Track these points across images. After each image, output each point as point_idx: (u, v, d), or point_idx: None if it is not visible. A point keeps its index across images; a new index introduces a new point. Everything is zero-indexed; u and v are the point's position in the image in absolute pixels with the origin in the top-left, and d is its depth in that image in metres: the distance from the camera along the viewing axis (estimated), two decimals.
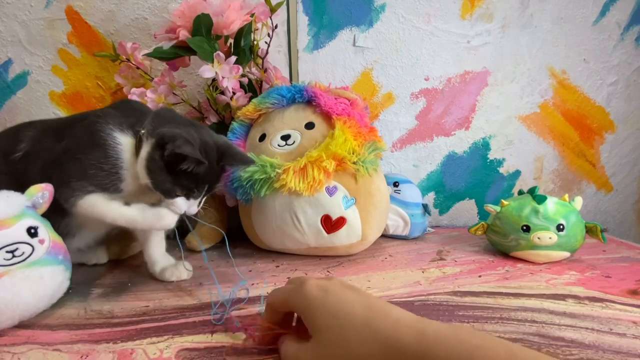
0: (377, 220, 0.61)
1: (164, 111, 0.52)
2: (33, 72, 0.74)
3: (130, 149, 0.48)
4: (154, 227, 0.48)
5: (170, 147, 0.44)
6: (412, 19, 0.80)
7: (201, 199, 0.50)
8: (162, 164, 0.45)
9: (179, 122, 0.49)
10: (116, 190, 0.48)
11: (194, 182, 0.47)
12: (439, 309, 0.44)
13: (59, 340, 0.38)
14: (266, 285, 0.51)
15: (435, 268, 0.58)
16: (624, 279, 0.53)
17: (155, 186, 0.46)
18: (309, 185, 0.56)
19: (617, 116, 0.89)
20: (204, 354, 0.35)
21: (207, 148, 0.47)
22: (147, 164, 0.46)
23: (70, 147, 0.48)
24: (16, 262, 0.40)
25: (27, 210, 0.43)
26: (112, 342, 0.38)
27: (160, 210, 0.47)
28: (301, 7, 0.77)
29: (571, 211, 0.59)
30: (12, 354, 0.36)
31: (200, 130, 0.48)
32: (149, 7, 0.73)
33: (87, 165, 0.46)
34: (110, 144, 0.47)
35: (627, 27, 0.85)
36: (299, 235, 0.59)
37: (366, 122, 0.62)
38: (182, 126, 0.48)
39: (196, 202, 0.49)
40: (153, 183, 0.46)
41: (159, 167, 0.45)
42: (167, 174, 0.46)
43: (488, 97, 0.85)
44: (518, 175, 0.90)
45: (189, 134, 0.46)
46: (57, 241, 0.46)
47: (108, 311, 0.44)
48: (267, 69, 0.70)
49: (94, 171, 0.46)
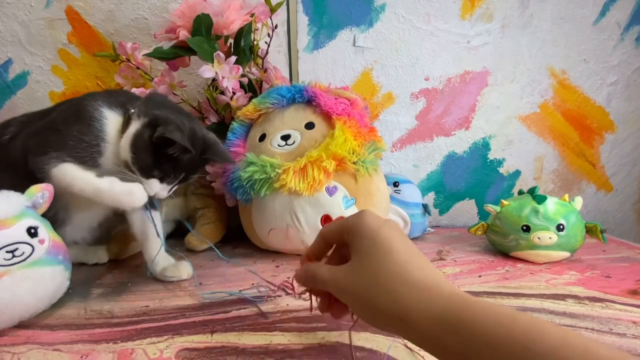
0: None
1: (156, 96, 0.53)
2: (33, 72, 0.74)
3: (116, 125, 0.49)
4: (122, 203, 0.47)
5: (162, 129, 0.45)
6: (412, 19, 0.80)
7: (174, 185, 0.50)
8: (149, 144, 0.46)
9: (171, 108, 0.50)
10: (94, 164, 0.48)
11: (173, 167, 0.48)
12: None
13: (59, 340, 0.38)
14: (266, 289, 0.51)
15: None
16: (624, 279, 0.53)
17: (135, 162, 0.47)
18: (309, 185, 0.56)
19: (617, 116, 0.89)
20: (204, 354, 0.35)
21: (194, 138, 0.48)
22: (133, 140, 0.47)
23: (54, 119, 0.49)
24: (16, 262, 0.40)
25: (27, 210, 0.43)
26: (112, 342, 0.38)
27: (131, 185, 0.47)
28: (301, 7, 0.77)
29: (571, 211, 0.59)
30: (12, 354, 0.36)
31: (191, 121, 0.49)
32: (149, 7, 0.73)
33: (67, 136, 0.47)
34: (95, 117, 0.48)
35: (627, 27, 0.85)
36: (299, 235, 0.59)
37: (366, 122, 0.62)
38: (176, 113, 0.49)
39: (168, 187, 0.50)
40: (133, 159, 0.47)
41: (144, 146, 0.46)
42: (150, 154, 0.46)
43: (488, 97, 0.85)
44: (518, 175, 0.90)
45: (181, 121, 0.47)
46: (57, 241, 0.46)
47: (108, 311, 0.44)
48: (267, 69, 0.70)
49: (74, 142, 0.47)
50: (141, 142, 0.46)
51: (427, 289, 0.27)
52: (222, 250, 0.67)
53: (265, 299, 0.46)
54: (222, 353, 0.36)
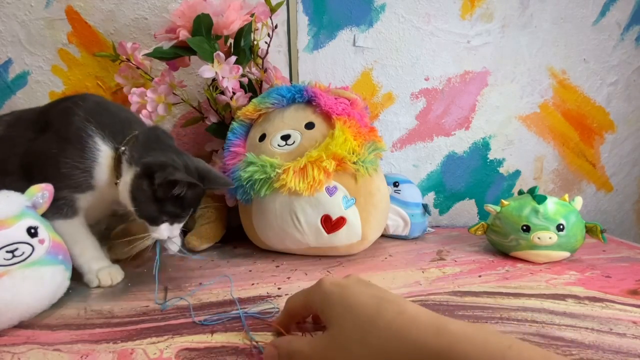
0: (377, 220, 0.61)
1: (143, 136, 0.51)
2: (33, 72, 0.74)
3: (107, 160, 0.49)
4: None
5: (162, 174, 0.44)
6: (412, 19, 0.80)
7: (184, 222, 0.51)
8: (151, 193, 0.46)
9: (159, 149, 0.49)
10: (88, 188, 0.49)
11: (180, 207, 0.48)
12: (439, 309, 0.44)
13: (59, 340, 0.38)
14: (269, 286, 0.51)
15: (435, 268, 0.58)
16: (624, 279, 0.53)
17: (141, 214, 0.47)
18: (309, 185, 0.56)
19: (617, 116, 0.89)
20: (204, 354, 0.35)
21: (190, 172, 0.48)
22: (133, 194, 0.47)
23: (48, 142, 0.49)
24: (16, 262, 0.40)
25: (27, 210, 0.43)
26: (112, 342, 0.38)
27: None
28: (301, 7, 0.77)
29: (571, 211, 0.59)
30: (12, 354, 0.36)
31: (180, 155, 0.49)
32: (149, 7, 0.73)
33: (61, 164, 0.47)
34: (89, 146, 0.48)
35: (627, 27, 0.85)
36: (299, 235, 0.59)
37: (366, 122, 0.62)
38: (164, 152, 0.48)
39: (179, 226, 0.50)
40: (138, 211, 0.47)
41: (146, 196, 0.46)
42: (154, 203, 0.46)
43: (488, 97, 0.85)
44: (518, 175, 0.90)
45: (172, 159, 0.46)
46: (57, 241, 0.46)
47: (108, 311, 0.44)
48: (267, 69, 0.70)
49: (68, 170, 0.47)
50: (142, 194, 0.46)
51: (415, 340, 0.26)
52: (222, 250, 0.67)
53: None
54: (222, 353, 0.36)
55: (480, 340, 0.24)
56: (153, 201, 0.46)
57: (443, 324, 0.26)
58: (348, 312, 0.30)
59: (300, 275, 0.55)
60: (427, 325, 0.26)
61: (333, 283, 0.33)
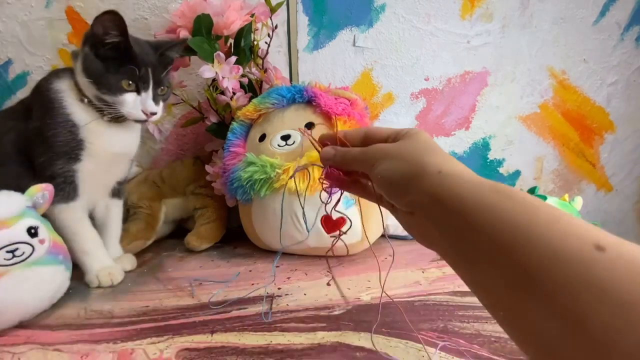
0: (377, 220, 0.61)
1: None
2: (33, 73, 0.74)
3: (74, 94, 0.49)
4: None
5: (92, 23, 0.45)
6: (412, 19, 0.80)
7: (154, 91, 0.50)
8: (93, 55, 0.46)
9: None
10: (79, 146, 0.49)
11: (133, 64, 0.47)
12: (439, 309, 0.44)
13: (59, 340, 0.38)
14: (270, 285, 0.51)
15: (435, 268, 0.58)
16: None
17: (100, 86, 0.47)
18: (309, 185, 0.55)
19: (617, 116, 0.89)
20: (204, 354, 0.35)
21: (138, 41, 0.49)
22: (86, 73, 0.47)
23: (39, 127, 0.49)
24: (16, 262, 0.40)
25: (28, 210, 0.43)
26: (112, 342, 0.38)
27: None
28: (301, 7, 0.77)
29: (571, 211, 0.59)
30: (12, 354, 0.36)
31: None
32: (149, 7, 0.73)
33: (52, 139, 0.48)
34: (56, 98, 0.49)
35: (627, 27, 0.85)
36: (299, 235, 0.59)
37: (366, 122, 0.62)
38: None
39: (149, 94, 0.50)
40: (96, 84, 0.47)
41: (92, 60, 0.47)
42: (104, 66, 0.46)
43: (488, 97, 0.85)
44: (518, 175, 0.90)
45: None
46: (58, 241, 0.46)
47: (108, 311, 0.44)
48: (267, 69, 0.70)
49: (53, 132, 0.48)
50: (88, 61, 0.47)
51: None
52: (222, 250, 0.67)
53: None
54: (222, 353, 0.36)
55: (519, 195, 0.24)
56: (103, 67, 0.46)
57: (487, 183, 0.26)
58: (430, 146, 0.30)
59: (300, 275, 0.55)
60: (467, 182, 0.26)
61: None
